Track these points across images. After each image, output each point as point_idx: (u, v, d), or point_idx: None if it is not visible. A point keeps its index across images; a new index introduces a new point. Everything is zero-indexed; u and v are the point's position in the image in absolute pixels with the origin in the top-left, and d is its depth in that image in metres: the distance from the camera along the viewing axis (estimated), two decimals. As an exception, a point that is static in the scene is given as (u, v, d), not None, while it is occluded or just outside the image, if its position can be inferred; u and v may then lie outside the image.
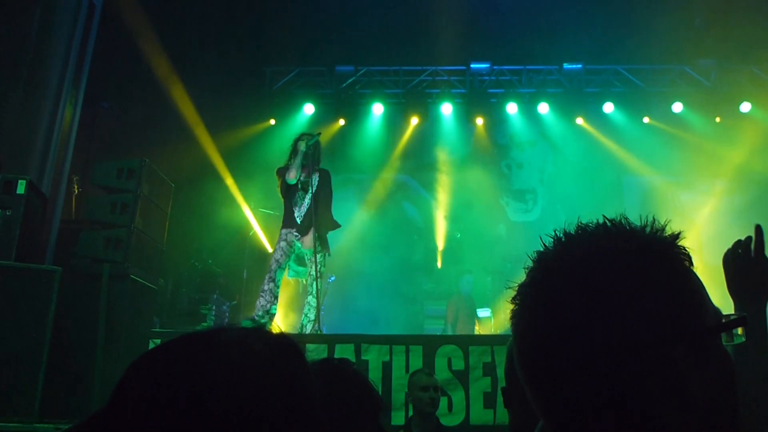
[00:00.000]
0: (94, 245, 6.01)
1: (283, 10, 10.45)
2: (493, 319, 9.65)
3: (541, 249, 0.93)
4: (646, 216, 0.92)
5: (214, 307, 8.48)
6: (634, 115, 11.64)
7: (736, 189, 10.72)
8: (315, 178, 7.01)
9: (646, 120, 11.68)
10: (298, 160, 6.73)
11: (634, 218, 0.94)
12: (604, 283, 0.85)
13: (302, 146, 6.75)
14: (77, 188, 7.25)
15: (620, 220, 0.92)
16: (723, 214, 10.60)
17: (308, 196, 6.84)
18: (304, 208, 6.84)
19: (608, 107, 11.59)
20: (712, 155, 10.86)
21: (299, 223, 6.81)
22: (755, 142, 10.51)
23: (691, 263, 0.91)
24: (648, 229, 0.91)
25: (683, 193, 11.16)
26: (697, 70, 11.35)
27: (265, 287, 6.51)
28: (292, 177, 6.73)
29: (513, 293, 0.93)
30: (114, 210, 6.14)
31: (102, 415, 0.80)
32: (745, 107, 11.06)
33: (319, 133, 7.12)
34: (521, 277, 0.94)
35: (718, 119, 11.35)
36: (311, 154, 6.82)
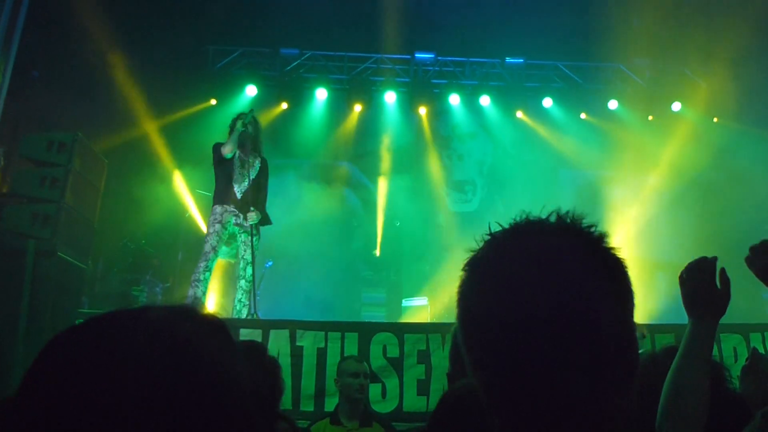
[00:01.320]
0: (20, 220, 5.79)
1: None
2: (430, 307, 9.73)
3: (482, 237, 0.98)
4: (581, 210, 0.97)
5: (146, 289, 8.27)
6: (572, 111, 11.94)
7: (664, 185, 11.11)
8: (257, 163, 6.96)
9: (583, 116, 12.00)
10: (234, 135, 6.67)
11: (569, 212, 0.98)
12: (534, 271, 0.89)
13: (239, 125, 6.71)
14: (3, 160, 6.94)
15: (558, 213, 0.96)
16: (652, 208, 10.99)
17: (249, 176, 6.75)
18: (244, 186, 6.74)
19: (547, 102, 11.85)
20: (643, 152, 11.24)
21: (239, 198, 6.70)
22: (684, 141, 10.94)
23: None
24: (594, 230, 0.95)
25: (616, 188, 11.50)
26: (632, 69, 11.72)
27: (200, 277, 6.31)
28: (227, 151, 6.66)
29: (459, 275, 0.97)
30: (43, 184, 5.92)
31: (15, 396, 0.77)
32: (676, 106, 11.50)
33: (252, 110, 7.10)
34: (459, 270, 0.99)
35: (650, 117, 11.76)
36: (250, 132, 6.81)
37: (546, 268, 0.89)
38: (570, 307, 0.86)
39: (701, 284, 1.82)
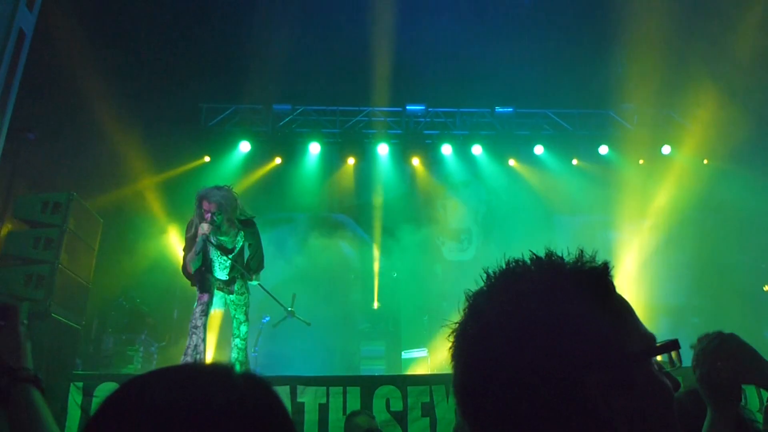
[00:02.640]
0: (13, 282, 5.72)
1: (220, 47, 10.43)
2: (430, 358, 9.60)
3: (477, 287, 0.97)
4: (576, 250, 0.96)
5: (141, 348, 8.13)
6: (563, 157, 12.05)
7: (659, 227, 11.15)
8: (238, 239, 6.50)
9: (574, 162, 12.10)
10: (198, 247, 6.13)
11: (565, 258, 0.97)
12: (525, 317, 0.87)
13: (203, 230, 6.07)
14: (-3, 221, 6.92)
15: (547, 254, 0.95)
16: (648, 251, 10.99)
17: (229, 258, 6.37)
18: (224, 273, 6.42)
19: (538, 149, 11.96)
20: (637, 195, 11.32)
21: (224, 282, 6.42)
22: (676, 183, 11.04)
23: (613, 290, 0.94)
24: (574, 261, 0.95)
25: (611, 232, 11.53)
26: (620, 114, 11.90)
27: (197, 323, 6.09)
28: (190, 269, 6.19)
29: (449, 331, 0.96)
30: (37, 245, 5.88)
31: None
32: (666, 149, 11.64)
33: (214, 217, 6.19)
34: (457, 316, 0.98)
35: (641, 161, 11.88)
36: (217, 221, 6.17)
37: (556, 313, 0.87)
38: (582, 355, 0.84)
39: (710, 368, 1.75)
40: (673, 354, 0.94)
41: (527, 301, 0.88)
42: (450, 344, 0.95)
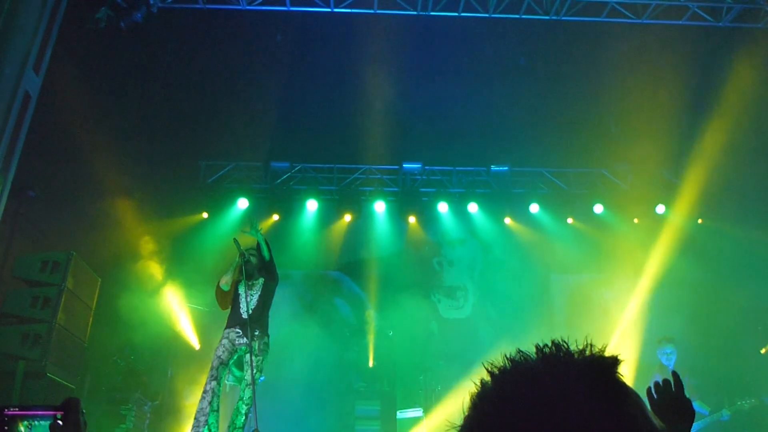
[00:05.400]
0: (9, 341, 5.69)
1: (220, 106, 10.62)
2: (425, 419, 9.44)
3: (484, 379, 0.94)
4: (585, 338, 0.95)
5: (134, 408, 8.00)
6: (559, 216, 12.15)
7: (655, 288, 11.11)
8: (260, 280, 6.81)
9: (569, 220, 12.19)
10: (230, 270, 6.59)
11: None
12: (532, 422, 0.85)
13: (237, 259, 6.60)
14: (-5, 280, 6.92)
15: (555, 346, 0.94)
16: (644, 312, 10.94)
17: (256, 294, 6.62)
18: (252, 305, 6.55)
19: (534, 208, 12.07)
20: (632, 255, 11.36)
21: (245, 318, 6.45)
22: (671, 243, 11.09)
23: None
24: (582, 355, 0.93)
25: (607, 291, 11.51)
26: (614, 174, 12.07)
27: (207, 387, 6.06)
28: (223, 283, 6.56)
29: (457, 429, 0.93)
30: (35, 304, 5.87)
31: None
32: (660, 209, 11.75)
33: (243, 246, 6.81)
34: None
35: (636, 220, 11.98)
36: (253, 262, 6.71)
37: (566, 416, 0.85)
38: None
39: (674, 396, 1.94)
40: None
41: (534, 405, 0.86)
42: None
